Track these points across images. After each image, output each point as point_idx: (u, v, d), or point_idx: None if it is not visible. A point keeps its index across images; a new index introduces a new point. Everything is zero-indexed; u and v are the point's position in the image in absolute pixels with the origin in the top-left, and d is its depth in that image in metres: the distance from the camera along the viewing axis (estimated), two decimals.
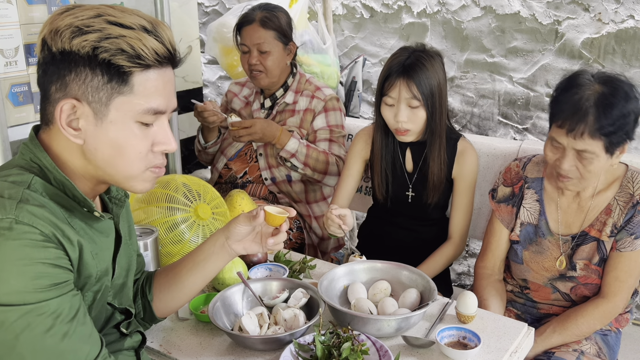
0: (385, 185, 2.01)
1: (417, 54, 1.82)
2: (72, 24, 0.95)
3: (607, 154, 1.50)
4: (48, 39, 0.96)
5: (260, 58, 2.24)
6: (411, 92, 1.79)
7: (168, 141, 1.05)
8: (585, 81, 1.52)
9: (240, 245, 1.30)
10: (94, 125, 0.99)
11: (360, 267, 1.62)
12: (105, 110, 0.98)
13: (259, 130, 2.18)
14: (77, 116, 0.99)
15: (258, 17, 2.24)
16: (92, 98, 0.97)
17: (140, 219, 1.68)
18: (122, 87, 0.98)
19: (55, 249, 0.95)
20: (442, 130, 1.89)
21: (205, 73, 3.86)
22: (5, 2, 1.85)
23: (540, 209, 1.72)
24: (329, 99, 2.32)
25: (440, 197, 1.97)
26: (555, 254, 1.70)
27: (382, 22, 3.11)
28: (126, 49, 0.95)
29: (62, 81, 0.97)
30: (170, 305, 1.34)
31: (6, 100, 1.90)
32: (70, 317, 0.95)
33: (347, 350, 1.25)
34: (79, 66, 0.96)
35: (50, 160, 1.01)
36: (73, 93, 0.97)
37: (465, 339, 1.38)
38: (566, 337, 1.63)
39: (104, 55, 0.95)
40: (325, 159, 2.25)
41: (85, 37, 0.94)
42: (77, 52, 0.95)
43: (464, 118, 2.99)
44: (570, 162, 1.53)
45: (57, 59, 0.96)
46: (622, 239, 1.61)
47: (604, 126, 1.46)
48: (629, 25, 2.46)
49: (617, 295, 1.63)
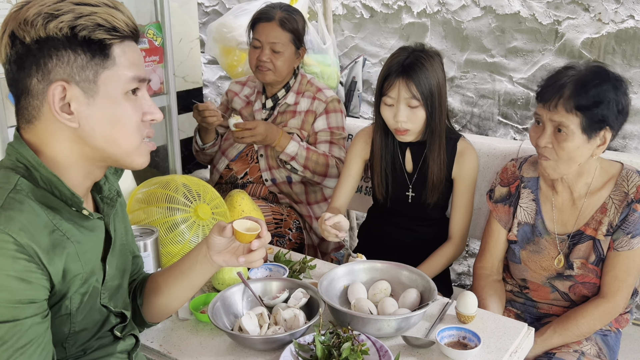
0: (385, 186, 2.01)
1: (416, 54, 1.82)
2: (42, 12, 0.95)
3: (584, 134, 1.53)
4: (18, 31, 0.96)
5: (272, 57, 2.24)
6: (410, 91, 1.79)
7: (155, 110, 1.08)
8: (575, 66, 1.59)
9: (220, 257, 1.25)
10: (86, 105, 0.99)
11: (360, 267, 1.62)
12: (94, 87, 0.99)
13: (262, 132, 2.18)
14: (67, 100, 0.98)
15: (278, 16, 2.24)
16: (79, 78, 0.98)
17: (140, 219, 1.68)
18: (105, 61, 0.99)
19: (27, 262, 0.92)
20: (441, 129, 1.89)
21: (205, 73, 3.86)
22: (5, 2, 1.85)
23: (537, 208, 1.73)
24: (330, 100, 2.32)
25: (440, 197, 1.97)
26: (553, 253, 1.70)
27: (382, 22, 3.11)
28: (102, 23, 0.97)
29: (44, 69, 0.97)
30: (158, 311, 1.32)
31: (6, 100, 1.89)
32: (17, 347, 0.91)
33: (347, 350, 1.25)
34: (59, 49, 0.96)
35: (36, 157, 1.00)
36: (58, 77, 0.97)
37: (465, 339, 1.38)
38: (567, 338, 1.63)
39: (83, 32, 0.96)
40: (325, 162, 2.25)
41: (60, 19, 0.95)
42: (55, 36, 0.95)
43: (464, 118, 2.99)
44: (547, 137, 1.57)
45: (33, 48, 0.96)
46: (619, 238, 1.61)
47: (578, 100, 1.51)
48: (629, 25, 2.46)
49: (616, 294, 1.63)
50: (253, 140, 2.22)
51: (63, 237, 1.00)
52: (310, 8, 3.12)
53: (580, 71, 1.56)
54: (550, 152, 1.59)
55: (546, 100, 1.56)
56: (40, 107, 1.00)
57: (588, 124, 1.52)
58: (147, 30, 2.18)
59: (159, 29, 2.21)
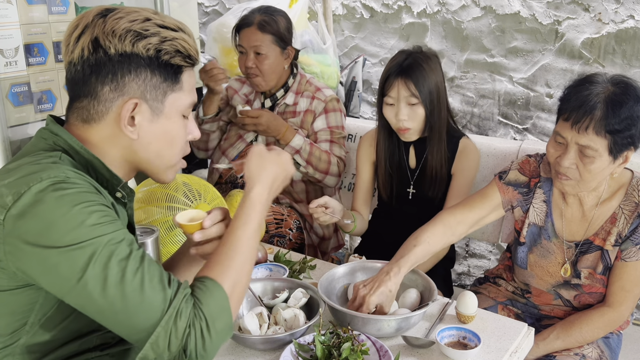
0: (389, 185, 2.05)
1: (414, 55, 1.89)
2: (131, 29, 1.02)
3: (610, 155, 1.48)
4: (104, 41, 1.01)
5: (256, 61, 2.25)
6: (409, 90, 1.85)
7: (195, 130, 1.17)
8: (598, 80, 1.51)
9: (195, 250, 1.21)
10: (149, 121, 1.07)
11: (360, 267, 1.62)
12: (161, 106, 1.07)
13: (264, 122, 2.22)
14: (134, 113, 1.05)
15: (257, 20, 2.25)
16: (149, 96, 1.05)
17: (141, 219, 1.68)
18: (175, 84, 1.08)
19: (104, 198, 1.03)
20: (441, 126, 1.93)
21: None
22: (5, 2, 1.85)
23: (547, 211, 1.70)
24: (329, 100, 2.32)
25: (440, 193, 1.98)
26: (560, 258, 1.68)
27: (382, 22, 3.11)
28: (181, 50, 1.06)
29: (120, 81, 1.03)
30: None
31: (6, 100, 1.89)
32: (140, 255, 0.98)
33: (347, 350, 1.25)
34: (140, 67, 1.03)
35: (78, 142, 1.05)
36: (132, 92, 1.04)
37: (465, 339, 1.38)
38: (569, 344, 1.62)
39: (166, 56, 1.04)
40: (328, 159, 2.26)
41: (149, 40, 1.02)
42: (140, 54, 1.02)
43: (464, 118, 2.99)
44: (571, 159, 1.50)
45: (115, 60, 1.02)
46: (627, 248, 1.58)
47: (611, 123, 1.44)
48: (629, 25, 2.46)
49: (622, 304, 1.61)
50: (255, 129, 2.25)
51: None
52: (310, 8, 3.12)
53: (607, 88, 1.48)
54: (573, 173, 1.53)
55: (575, 122, 1.47)
56: (104, 114, 1.05)
57: (616, 146, 1.47)
58: None
59: None
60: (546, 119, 2.77)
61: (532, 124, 2.81)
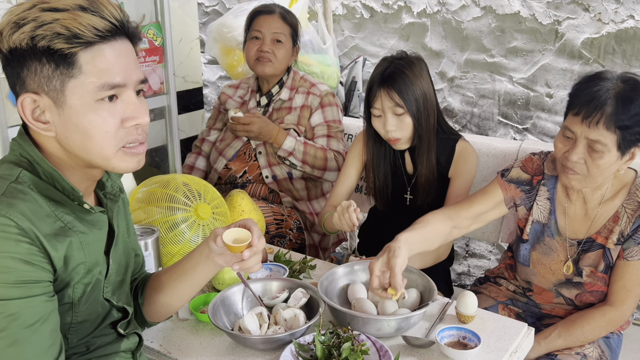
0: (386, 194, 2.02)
1: (396, 63, 1.83)
2: (10, 21, 0.95)
3: (619, 151, 1.48)
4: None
5: (274, 47, 2.30)
6: (393, 100, 1.80)
7: (138, 114, 1.03)
8: (607, 77, 1.52)
9: (222, 259, 1.23)
10: (57, 114, 0.99)
11: (360, 267, 1.62)
12: (62, 97, 0.98)
13: (255, 129, 2.23)
14: (41, 109, 0.99)
15: (279, 10, 2.35)
16: (47, 88, 0.98)
17: (141, 219, 1.68)
18: (71, 70, 0.97)
19: (29, 245, 0.93)
20: (430, 133, 1.89)
21: (205, 73, 3.87)
22: (5, 2, 1.85)
23: (551, 208, 1.70)
24: (324, 94, 2.35)
25: (435, 199, 1.97)
26: (562, 256, 1.68)
27: (382, 22, 3.11)
28: (61, 31, 0.94)
29: (20, 78, 0.99)
30: (160, 310, 1.32)
31: (6, 100, 1.89)
32: (27, 324, 0.92)
33: (347, 350, 1.25)
34: (27, 60, 0.96)
35: (39, 153, 1.02)
36: (31, 87, 0.98)
37: (465, 339, 1.38)
38: (570, 342, 1.62)
39: (42, 42, 0.94)
40: (324, 155, 2.27)
41: (21, 30, 0.94)
42: (20, 47, 0.95)
43: (464, 118, 2.99)
44: (579, 153, 1.51)
45: (9, 58, 0.98)
46: (629, 247, 1.58)
47: (621, 119, 1.45)
48: (629, 25, 2.46)
49: (624, 303, 1.61)
50: (247, 135, 2.28)
51: (65, 227, 1.01)
52: (310, 8, 3.12)
53: (617, 85, 1.49)
54: (580, 168, 1.53)
55: (586, 116, 1.47)
56: None
57: (624, 142, 1.48)
58: (147, 30, 2.18)
59: (159, 29, 2.21)
60: (546, 119, 2.77)
61: (532, 124, 2.81)
